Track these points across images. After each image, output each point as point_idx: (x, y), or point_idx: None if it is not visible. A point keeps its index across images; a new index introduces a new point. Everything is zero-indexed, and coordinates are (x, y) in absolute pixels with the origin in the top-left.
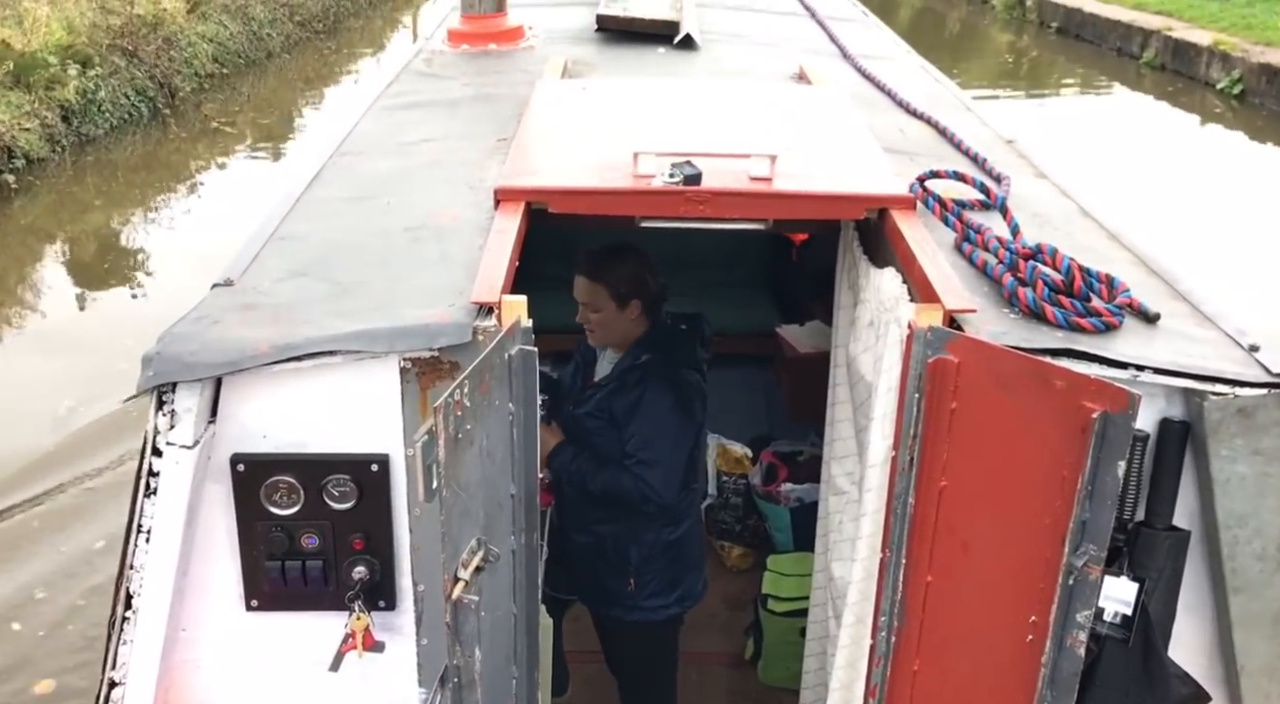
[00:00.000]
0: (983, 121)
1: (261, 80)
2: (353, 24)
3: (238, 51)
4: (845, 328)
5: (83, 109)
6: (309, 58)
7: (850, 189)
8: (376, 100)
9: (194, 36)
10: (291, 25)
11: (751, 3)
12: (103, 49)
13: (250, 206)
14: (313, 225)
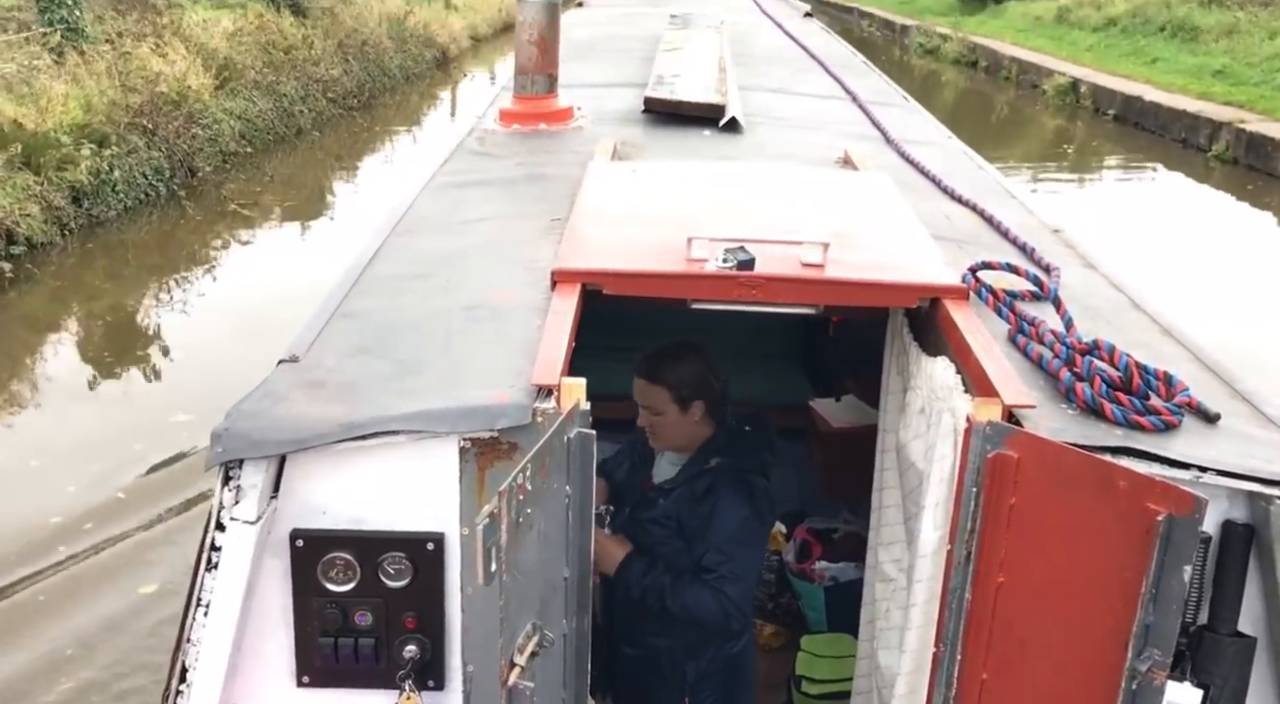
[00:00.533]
0: (1028, 209)
1: (289, 157)
2: (387, 100)
3: (266, 128)
4: (894, 413)
5: (95, 190)
6: (340, 134)
7: (903, 278)
8: (433, 178)
9: (220, 113)
10: (324, 101)
11: (793, 86)
12: (121, 127)
13: (262, 291)
14: (375, 302)
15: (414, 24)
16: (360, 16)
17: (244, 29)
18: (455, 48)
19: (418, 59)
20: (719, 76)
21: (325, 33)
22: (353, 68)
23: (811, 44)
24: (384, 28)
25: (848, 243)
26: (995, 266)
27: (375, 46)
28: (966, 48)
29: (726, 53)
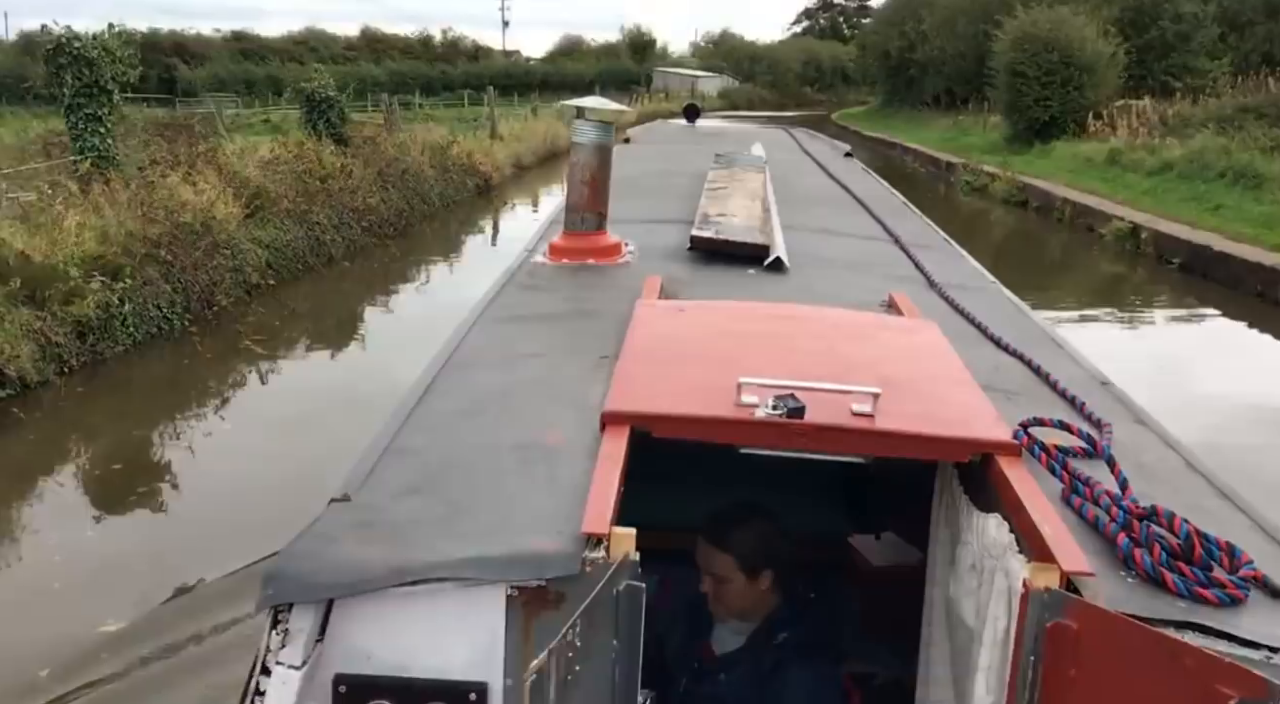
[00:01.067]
0: (1075, 360)
1: (317, 288)
2: (425, 228)
3: (296, 257)
4: (943, 566)
5: (103, 325)
6: (373, 264)
7: (955, 432)
8: (485, 311)
9: (248, 242)
10: (358, 230)
11: (836, 226)
12: (138, 259)
13: (267, 434)
14: (426, 439)
15: (457, 153)
16: (403, 145)
17: (281, 157)
18: (498, 176)
19: (459, 187)
20: (763, 216)
21: (366, 161)
22: (391, 196)
23: (853, 184)
24: (426, 156)
25: (898, 392)
26: (1047, 423)
27: (416, 175)
28: (1016, 187)
29: (770, 192)
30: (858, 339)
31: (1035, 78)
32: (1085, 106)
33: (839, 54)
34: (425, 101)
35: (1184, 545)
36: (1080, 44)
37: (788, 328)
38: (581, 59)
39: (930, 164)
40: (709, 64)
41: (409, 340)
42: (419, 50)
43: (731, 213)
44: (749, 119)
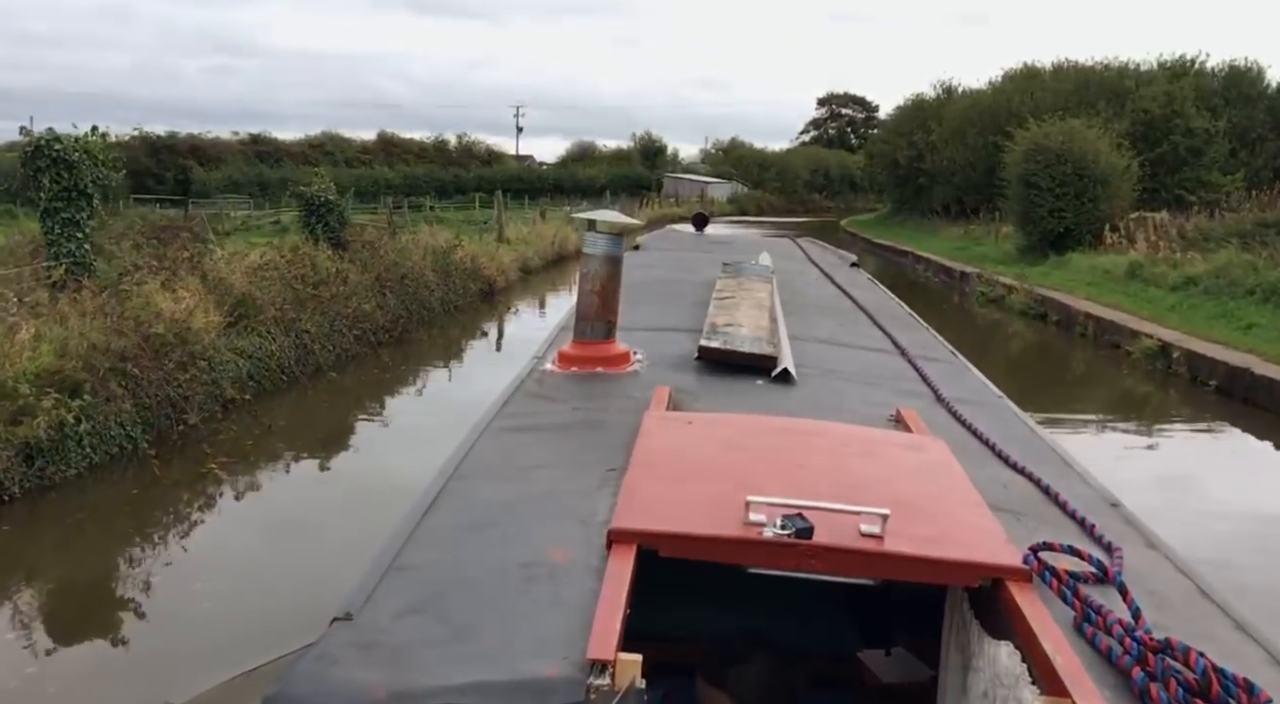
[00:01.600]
0: (1085, 479)
1: (300, 401)
2: (423, 335)
3: (279, 368)
4: (954, 694)
5: (54, 446)
6: (364, 374)
7: (965, 556)
8: (493, 420)
9: (229, 353)
10: (350, 338)
11: (842, 337)
12: (101, 374)
13: (213, 579)
14: (430, 555)
15: (461, 257)
16: (404, 249)
17: (272, 263)
18: (503, 280)
19: (462, 292)
20: (770, 326)
21: (364, 266)
22: (389, 301)
23: (859, 295)
24: (428, 260)
25: (907, 513)
26: (1057, 547)
27: (416, 280)
28: (1034, 300)
29: (777, 302)
30: (866, 456)
31: (1049, 189)
32: (1100, 219)
33: (846, 162)
34: (437, 204)
35: (1201, 681)
36: (1094, 156)
37: (796, 443)
38: (593, 164)
39: (943, 273)
40: (718, 170)
41: (391, 460)
42: (433, 155)
43: (739, 323)
44: (758, 225)
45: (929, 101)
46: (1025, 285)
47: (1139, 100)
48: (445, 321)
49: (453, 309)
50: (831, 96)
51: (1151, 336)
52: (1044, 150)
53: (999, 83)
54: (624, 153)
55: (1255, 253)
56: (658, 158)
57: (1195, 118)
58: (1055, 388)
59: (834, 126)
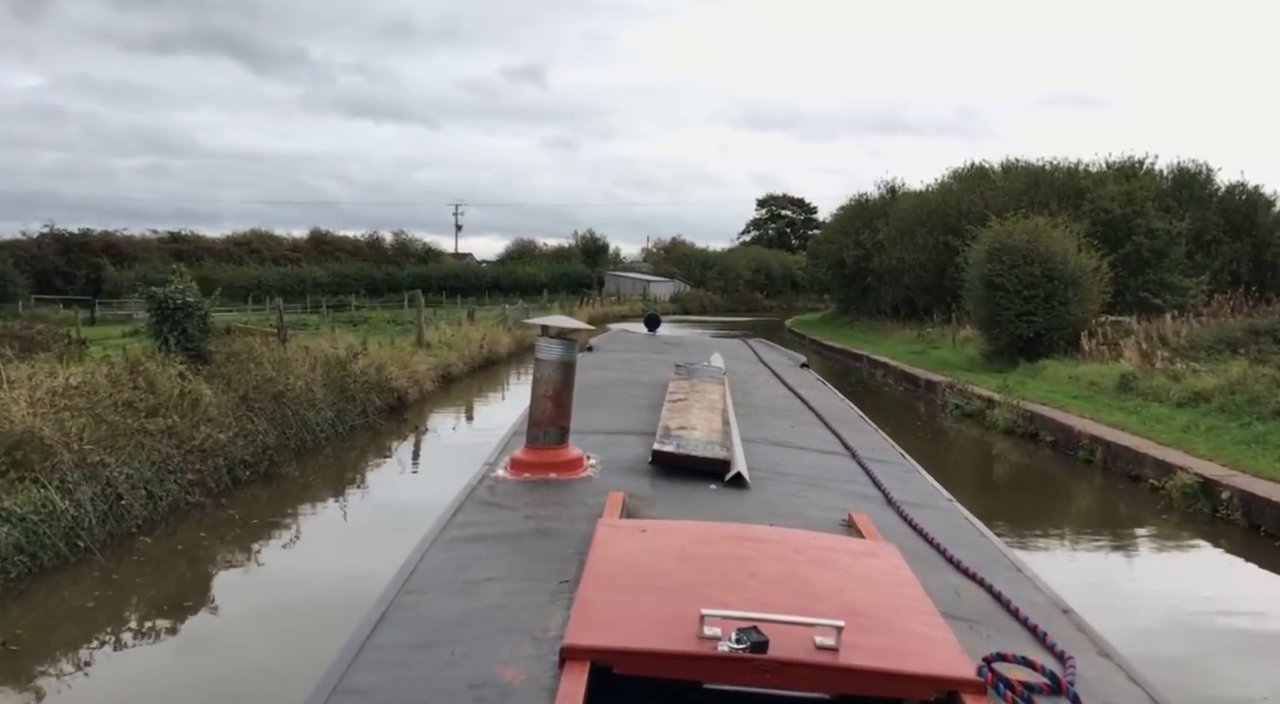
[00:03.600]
0: (1037, 586)
1: (77, 586)
2: (294, 469)
3: (66, 533)
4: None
5: None
6: (189, 533)
7: (921, 669)
8: (444, 530)
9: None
10: (184, 482)
11: (794, 439)
12: None
13: None
14: (377, 677)
15: (364, 367)
16: (286, 362)
17: (88, 384)
18: (415, 392)
19: (363, 409)
20: (723, 429)
21: (227, 383)
22: (257, 427)
23: (809, 396)
24: (318, 373)
25: (862, 623)
26: (1009, 658)
27: (298, 398)
28: (1021, 416)
29: (729, 404)
30: (820, 564)
31: (1016, 291)
32: (1072, 323)
33: (787, 262)
34: (366, 303)
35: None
36: (1063, 256)
37: (750, 550)
38: (533, 262)
39: (906, 381)
40: (660, 268)
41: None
42: (367, 252)
43: (692, 425)
44: (701, 324)
45: (873, 201)
46: (1010, 400)
47: (1098, 199)
48: (335, 447)
49: (347, 431)
50: (771, 198)
51: (1187, 470)
52: (1008, 249)
53: (946, 181)
54: (565, 250)
55: (1269, 364)
56: (600, 256)
57: (1155, 218)
58: (1087, 538)
59: (774, 227)
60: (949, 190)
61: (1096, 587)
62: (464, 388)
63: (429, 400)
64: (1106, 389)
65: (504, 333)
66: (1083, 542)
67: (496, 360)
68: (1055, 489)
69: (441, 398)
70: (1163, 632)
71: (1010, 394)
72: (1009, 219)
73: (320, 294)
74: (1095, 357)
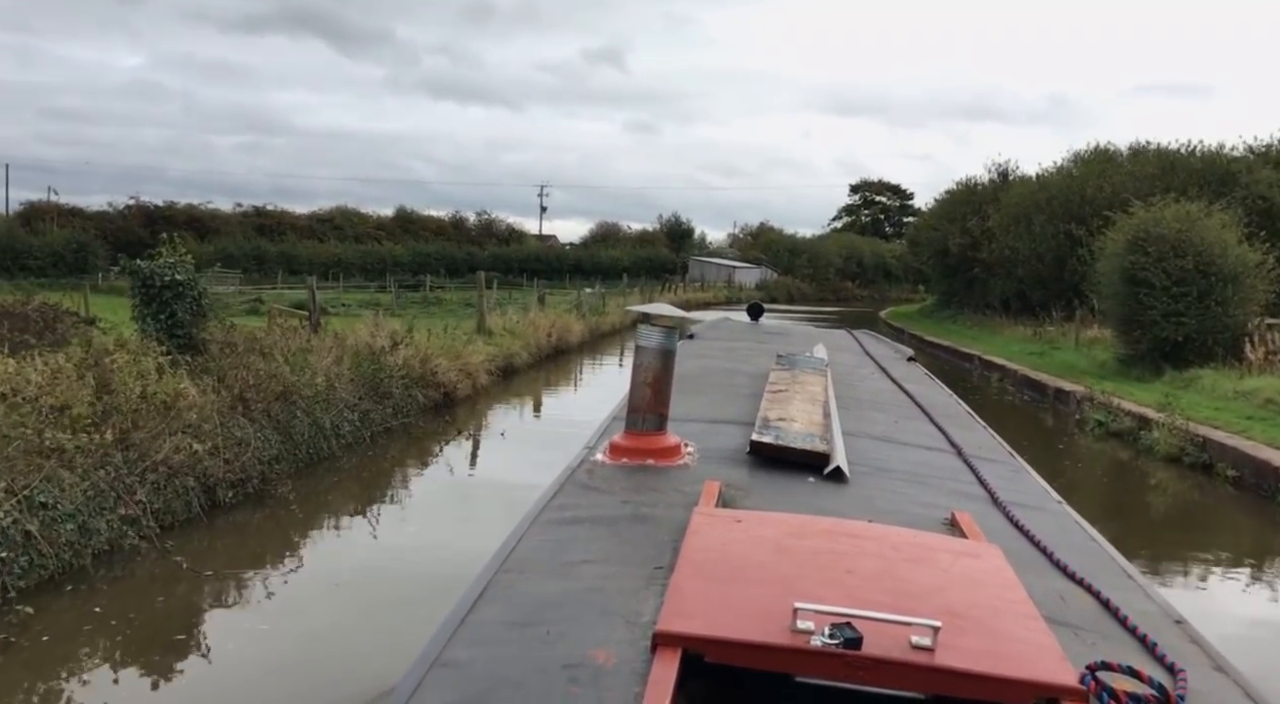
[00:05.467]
0: (1148, 594)
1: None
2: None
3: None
4: None
5: None
6: (119, 593)
7: (1019, 673)
8: (542, 512)
9: None
10: (107, 523)
11: (897, 435)
12: None
13: None
14: (475, 652)
15: (405, 359)
16: (305, 353)
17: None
18: (466, 386)
19: (398, 407)
20: (823, 422)
21: (220, 379)
22: (257, 433)
23: (915, 390)
24: (346, 366)
25: (960, 624)
26: (1115, 667)
27: (313, 397)
28: (1190, 442)
29: (831, 396)
30: (919, 562)
31: (1164, 288)
32: (1230, 326)
33: (881, 250)
34: (447, 283)
35: None
36: (1221, 249)
37: (846, 546)
38: (616, 245)
39: (1029, 388)
40: (747, 255)
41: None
42: (451, 232)
43: (792, 417)
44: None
45: (983, 186)
46: (1175, 419)
47: (1254, 185)
48: (354, 457)
49: (373, 437)
50: (865, 183)
51: None
52: (1156, 239)
53: (1065, 165)
54: (649, 235)
55: None
56: (684, 240)
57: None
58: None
59: (868, 214)
60: (1070, 175)
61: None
62: (527, 381)
63: (483, 396)
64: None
65: (576, 320)
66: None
67: (567, 350)
68: (1250, 543)
69: (499, 393)
70: None
71: (1174, 412)
72: (1155, 205)
73: (401, 273)
74: (1264, 368)
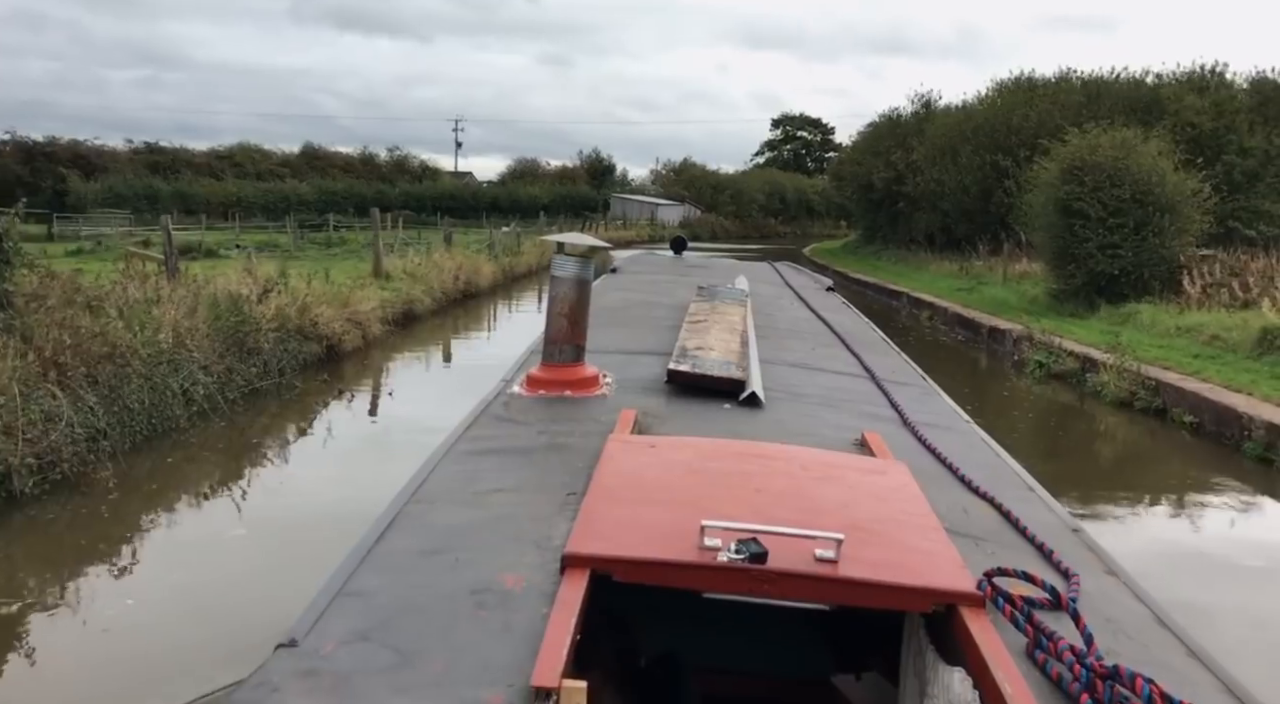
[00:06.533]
0: (1048, 505)
1: None
2: (106, 476)
3: None
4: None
5: None
6: None
7: (918, 581)
8: (455, 443)
9: None
10: None
11: (813, 361)
12: None
13: None
14: (381, 580)
15: (277, 308)
16: (149, 305)
17: None
18: (353, 338)
19: (269, 365)
20: (740, 350)
21: (25, 339)
22: (73, 403)
23: (832, 318)
24: (200, 319)
25: (863, 537)
26: (1011, 573)
27: (153, 357)
28: (1143, 386)
29: (750, 326)
30: (826, 480)
31: (1099, 219)
32: (1166, 258)
33: (803, 186)
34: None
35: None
36: (1159, 178)
37: (757, 467)
38: (535, 183)
39: (962, 327)
40: (669, 192)
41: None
42: (361, 170)
43: (710, 346)
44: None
45: (906, 118)
46: (1124, 360)
47: (1182, 112)
48: (209, 426)
49: (238, 399)
50: (786, 117)
51: None
52: (1092, 168)
53: (990, 94)
54: (569, 171)
55: None
56: (606, 178)
57: (1249, 136)
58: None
59: (790, 149)
60: (994, 104)
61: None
62: (430, 329)
63: (377, 348)
64: (1238, 347)
65: (486, 261)
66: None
67: (477, 293)
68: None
69: (398, 343)
70: None
71: (1124, 353)
72: (1089, 132)
73: (306, 213)
74: (1202, 302)
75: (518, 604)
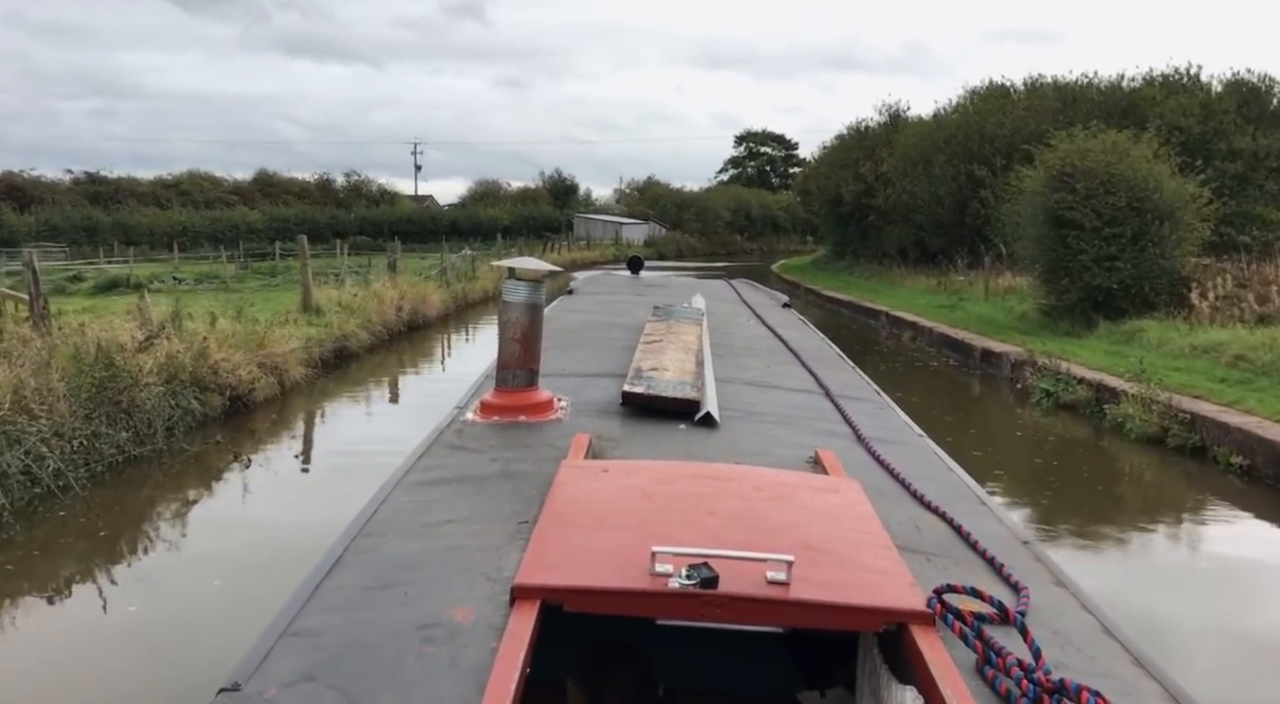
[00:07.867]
0: (999, 518)
1: None
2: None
3: None
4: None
5: None
6: None
7: (869, 601)
8: (407, 474)
9: None
10: None
11: (768, 379)
12: None
13: None
14: (328, 619)
15: (169, 355)
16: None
17: None
18: (270, 385)
19: (151, 427)
20: (696, 370)
21: None
22: None
23: (788, 335)
24: (55, 377)
25: (815, 558)
26: (960, 589)
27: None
28: (1174, 417)
29: (706, 345)
30: (778, 500)
31: (1094, 229)
32: (1167, 270)
33: (768, 202)
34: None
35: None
36: (1156, 183)
37: (709, 489)
38: (496, 204)
39: (950, 349)
40: (634, 211)
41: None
42: (317, 195)
43: (665, 367)
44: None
45: (874, 129)
46: (1151, 390)
47: (1168, 115)
48: (42, 520)
49: (102, 474)
50: (750, 134)
51: None
52: (1084, 174)
53: (962, 102)
54: (531, 192)
55: None
56: (569, 197)
57: (1237, 136)
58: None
59: (753, 165)
60: (967, 113)
61: None
62: (367, 369)
63: (297, 394)
64: (1270, 370)
65: (435, 289)
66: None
67: (424, 325)
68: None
69: (325, 388)
70: None
71: (1150, 381)
72: (1077, 135)
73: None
74: (1213, 317)
75: (466, 639)
